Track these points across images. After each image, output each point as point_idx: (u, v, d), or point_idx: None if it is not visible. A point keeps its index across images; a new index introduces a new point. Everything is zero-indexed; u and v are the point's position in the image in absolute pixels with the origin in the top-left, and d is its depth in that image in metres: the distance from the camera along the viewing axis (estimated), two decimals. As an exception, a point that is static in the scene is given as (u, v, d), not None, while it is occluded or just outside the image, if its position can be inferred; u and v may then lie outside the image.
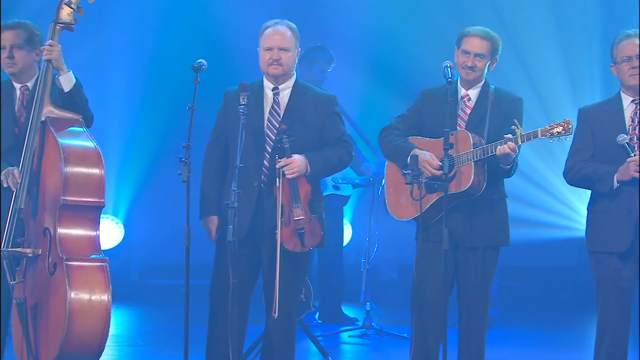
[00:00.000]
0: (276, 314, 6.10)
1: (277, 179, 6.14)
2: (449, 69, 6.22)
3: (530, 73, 11.34)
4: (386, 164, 6.53)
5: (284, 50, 6.29)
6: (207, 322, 6.31)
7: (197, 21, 11.48)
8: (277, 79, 6.35)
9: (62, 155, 6.02)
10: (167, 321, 9.89)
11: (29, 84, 6.38)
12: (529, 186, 11.25)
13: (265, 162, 6.25)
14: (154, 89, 11.51)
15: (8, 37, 6.33)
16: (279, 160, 6.15)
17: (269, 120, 6.30)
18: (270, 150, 6.25)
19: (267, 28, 6.35)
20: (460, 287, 6.32)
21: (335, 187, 9.45)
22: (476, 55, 6.28)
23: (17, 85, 6.39)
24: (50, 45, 6.18)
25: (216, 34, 11.24)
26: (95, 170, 6.10)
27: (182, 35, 11.40)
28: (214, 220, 6.35)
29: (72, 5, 6.22)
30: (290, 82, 6.38)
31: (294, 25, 6.38)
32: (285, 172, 6.14)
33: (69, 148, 6.06)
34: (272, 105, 6.33)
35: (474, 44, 6.27)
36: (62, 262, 5.92)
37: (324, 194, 9.34)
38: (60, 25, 6.24)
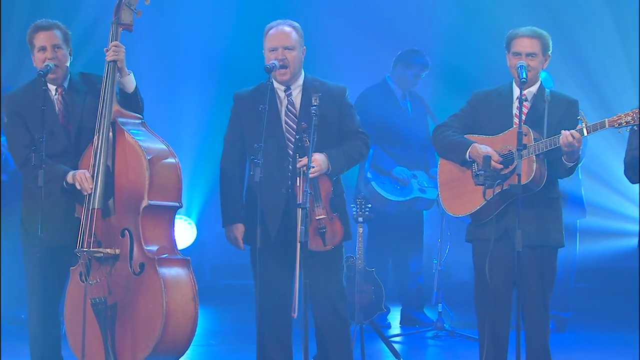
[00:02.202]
0: (295, 314, 6.02)
1: (297, 177, 6.09)
2: (523, 69, 6.17)
3: (591, 74, 11.21)
4: (439, 161, 6.50)
5: (288, 49, 6.22)
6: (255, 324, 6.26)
7: (270, 22, 11.50)
8: (286, 82, 6.27)
9: (145, 157, 6.03)
10: (240, 321, 9.95)
11: (65, 85, 6.27)
12: (605, 190, 11.12)
13: (289, 166, 6.19)
14: (226, 89, 11.53)
15: (46, 37, 6.20)
16: (299, 159, 6.09)
17: (286, 122, 6.25)
18: (292, 153, 6.19)
19: (270, 29, 6.29)
20: (520, 287, 6.23)
21: (422, 190, 9.40)
22: (527, 54, 6.26)
23: (52, 87, 6.24)
24: (116, 46, 6.16)
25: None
26: (175, 171, 6.17)
27: (255, 36, 11.43)
28: (239, 228, 6.32)
29: (132, 7, 6.23)
30: (301, 80, 6.30)
31: (297, 25, 6.31)
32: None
33: (151, 150, 6.09)
34: (286, 107, 6.27)
35: (524, 44, 6.26)
36: (153, 263, 5.96)
37: (410, 197, 9.35)
38: (122, 26, 6.22)
